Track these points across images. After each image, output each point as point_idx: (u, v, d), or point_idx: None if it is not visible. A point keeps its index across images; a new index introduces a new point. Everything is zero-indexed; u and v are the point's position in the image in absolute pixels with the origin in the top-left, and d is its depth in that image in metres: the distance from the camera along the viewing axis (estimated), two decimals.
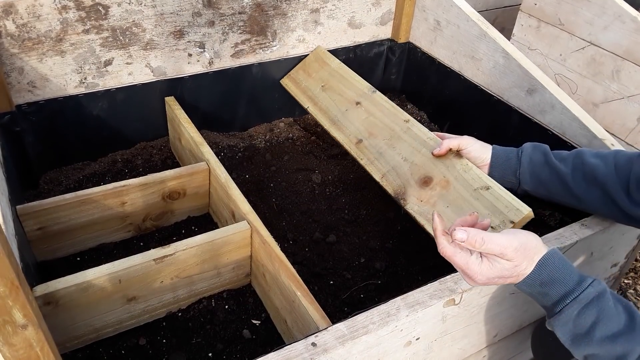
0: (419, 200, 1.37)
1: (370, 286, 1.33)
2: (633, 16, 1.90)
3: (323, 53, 1.84)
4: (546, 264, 0.84)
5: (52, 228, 1.29)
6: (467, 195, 1.29)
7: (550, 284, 0.84)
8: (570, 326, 0.83)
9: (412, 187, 1.40)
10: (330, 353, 0.84)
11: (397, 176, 1.45)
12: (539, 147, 1.25)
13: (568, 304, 0.83)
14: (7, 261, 0.64)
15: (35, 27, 1.36)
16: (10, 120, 1.43)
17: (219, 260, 1.23)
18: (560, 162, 1.20)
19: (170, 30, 1.55)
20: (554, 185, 1.20)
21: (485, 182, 1.27)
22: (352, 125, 1.63)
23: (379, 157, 1.52)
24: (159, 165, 1.66)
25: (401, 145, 1.48)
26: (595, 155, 1.16)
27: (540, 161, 1.22)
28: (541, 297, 0.87)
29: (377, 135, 1.56)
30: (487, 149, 1.31)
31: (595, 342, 0.81)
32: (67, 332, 1.11)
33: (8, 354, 0.73)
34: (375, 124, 1.58)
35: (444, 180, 1.34)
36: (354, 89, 1.69)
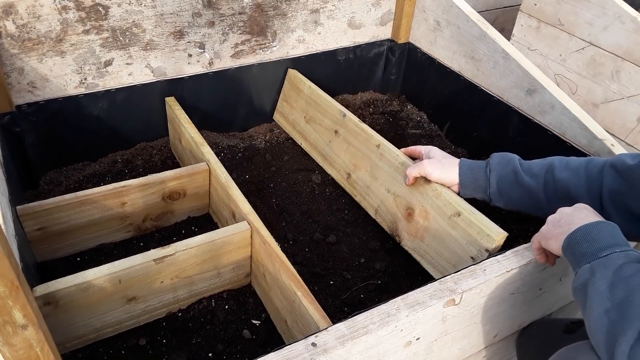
0: (409, 235, 1.39)
1: (370, 286, 1.33)
2: (633, 17, 1.90)
3: (295, 77, 1.82)
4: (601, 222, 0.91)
5: (52, 228, 1.29)
6: (444, 225, 1.28)
7: (600, 232, 0.88)
8: (610, 273, 0.83)
9: (401, 221, 1.41)
10: (330, 353, 0.84)
11: (387, 211, 1.46)
12: (507, 164, 1.21)
13: (616, 252, 0.85)
14: (7, 261, 0.64)
15: (35, 27, 1.37)
16: (11, 121, 1.43)
17: (219, 260, 1.23)
18: (531, 178, 1.17)
19: (170, 30, 1.55)
20: (526, 204, 1.19)
21: (456, 208, 1.24)
22: (339, 159, 1.63)
23: (368, 191, 1.52)
24: (159, 166, 1.66)
25: (381, 175, 1.47)
26: (566, 167, 1.13)
27: (510, 180, 1.19)
28: (587, 243, 0.89)
29: (360, 167, 1.55)
30: (450, 170, 1.26)
31: (630, 288, 0.80)
32: (67, 332, 1.11)
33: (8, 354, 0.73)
34: (356, 154, 1.56)
35: (423, 210, 1.33)
36: (328, 115, 1.67)
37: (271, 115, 1.91)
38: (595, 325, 0.82)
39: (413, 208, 1.36)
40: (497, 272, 1.00)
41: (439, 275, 1.24)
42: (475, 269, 1.01)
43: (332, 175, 1.65)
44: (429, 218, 1.31)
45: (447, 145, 1.83)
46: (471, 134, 1.76)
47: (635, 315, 0.77)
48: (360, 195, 1.55)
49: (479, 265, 1.01)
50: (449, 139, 1.85)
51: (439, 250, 1.29)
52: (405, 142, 1.81)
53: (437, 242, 1.29)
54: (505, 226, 1.42)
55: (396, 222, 1.42)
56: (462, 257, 1.23)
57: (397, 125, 1.90)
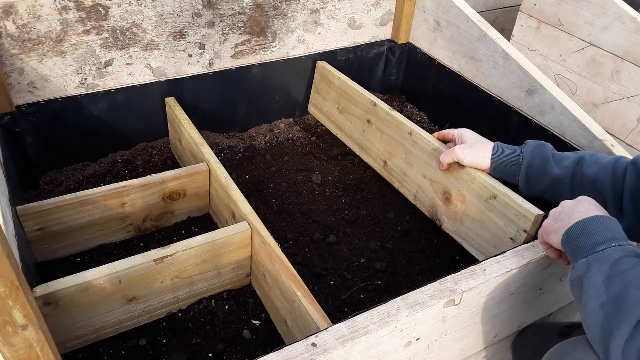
0: (449, 219, 1.41)
1: (370, 286, 1.33)
2: (633, 17, 1.90)
3: (324, 69, 1.84)
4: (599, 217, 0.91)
5: (52, 228, 1.29)
6: (482, 208, 1.30)
7: (597, 226, 0.89)
8: (606, 267, 0.84)
9: (439, 205, 1.43)
10: (330, 353, 0.84)
11: (425, 196, 1.47)
12: (540, 152, 1.22)
13: (612, 247, 0.86)
14: (7, 261, 0.64)
15: (36, 27, 1.37)
16: (11, 121, 1.43)
17: (219, 260, 1.23)
18: (560, 169, 1.18)
19: (171, 30, 1.55)
20: (551, 193, 1.20)
21: (491, 191, 1.26)
22: (374, 147, 1.65)
23: (405, 177, 1.54)
24: (159, 166, 1.66)
25: (416, 162, 1.49)
26: (595, 162, 1.15)
27: (540, 168, 1.21)
28: (584, 237, 0.89)
29: (395, 154, 1.56)
30: (483, 155, 1.29)
31: (625, 282, 0.81)
32: (67, 332, 1.11)
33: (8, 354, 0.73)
34: (390, 142, 1.58)
35: (460, 194, 1.35)
36: (360, 105, 1.70)
37: (271, 115, 1.91)
38: (590, 319, 0.82)
39: (450, 192, 1.37)
40: (497, 272, 1.00)
41: (482, 257, 1.29)
42: (475, 269, 1.01)
43: (370, 163, 1.67)
44: (466, 202, 1.33)
45: None
46: None
47: (630, 309, 0.77)
48: (398, 182, 1.56)
49: (479, 266, 1.01)
50: None
51: (479, 233, 1.31)
52: None
53: (476, 225, 1.31)
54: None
55: (435, 207, 1.43)
56: (501, 238, 1.25)
57: None
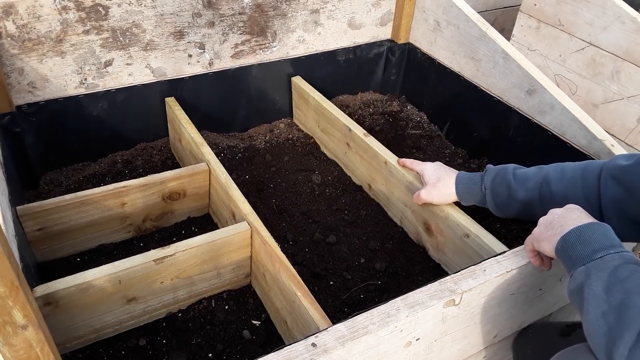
0: (432, 248, 1.40)
1: (370, 287, 1.33)
2: (633, 17, 1.90)
3: (299, 88, 1.81)
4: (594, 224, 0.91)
5: (52, 229, 1.29)
6: (459, 243, 1.29)
7: (593, 234, 0.89)
8: (605, 275, 0.83)
9: (423, 234, 1.43)
10: (330, 353, 0.84)
11: (409, 223, 1.47)
12: (501, 180, 1.20)
13: (611, 254, 0.85)
14: (7, 262, 0.64)
15: (36, 27, 1.37)
16: (11, 121, 1.43)
17: (219, 260, 1.23)
18: (525, 192, 1.16)
19: (171, 31, 1.55)
20: (525, 215, 1.20)
21: (464, 230, 1.26)
22: (357, 170, 1.64)
23: (389, 203, 1.53)
24: (159, 166, 1.66)
25: (396, 190, 1.48)
26: (561, 178, 1.12)
27: (505, 196, 1.20)
28: (581, 245, 0.89)
29: (376, 179, 1.55)
30: (447, 192, 1.29)
31: (626, 290, 0.80)
32: (67, 332, 1.11)
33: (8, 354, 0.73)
34: (369, 167, 1.57)
35: (438, 227, 1.35)
36: (337, 128, 1.67)
37: (271, 115, 1.91)
38: (592, 328, 0.81)
39: (429, 224, 1.38)
40: (497, 273, 1.00)
41: None
42: (475, 269, 1.01)
43: (357, 183, 1.66)
44: (444, 235, 1.34)
45: (447, 146, 1.83)
46: (471, 134, 1.76)
47: (632, 318, 0.76)
48: (384, 205, 1.56)
49: (479, 266, 1.01)
50: (449, 139, 1.85)
51: (460, 265, 1.31)
52: (406, 142, 1.81)
53: (457, 257, 1.32)
54: (505, 226, 1.43)
55: (419, 234, 1.44)
56: None
57: (397, 125, 1.90)
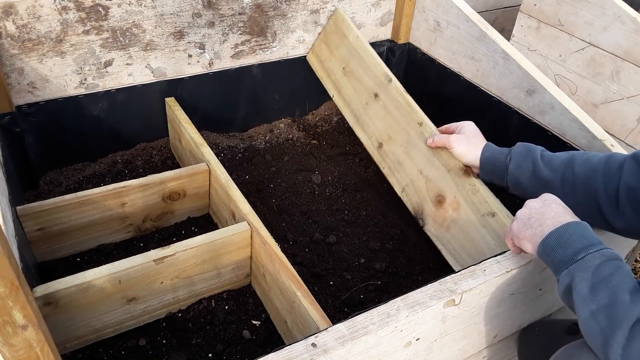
0: (435, 222, 1.36)
1: (370, 287, 1.33)
2: (633, 17, 1.90)
3: (342, 21, 1.67)
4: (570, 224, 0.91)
5: (52, 229, 1.29)
6: (475, 221, 1.27)
7: (572, 235, 0.89)
8: (588, 275, 0.84)
9: (428, 205, 1.38)
10: (330, 354, 0.84)
11: (415, 192, 1.42)
12: (529, 154, 1.19)
13: (591, 253, 0.86)
14: (7, 262, 0.64)
15: (35, 27, 1.37)
16: (11, 121, 1.43)
17: (219, 260, 1.23)
18: (550, 171, 1.15)
19: (170, 31, 1.55)
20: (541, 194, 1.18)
21: (491, 208, 1.24)
22: (373, 125, 1.52)
23: (399, 167, 1.46)
24: (159, 166, 1.66)
25: (417, 155, 1.42)
26: (586, 162, 1.12)
27: (529, 170, 1.18)
28: (562, 248, 0.90)
29: (395, 139, 1.47)
30: (474, 151, 1.27)
31: (611, 288, 0.81)
32: (67, 332, 1.11)
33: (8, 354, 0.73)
34: (393, 125, 1.47)
35: (455, 201, 1.31)
36: (371, 75, 1.55)
37: (271, 115, 1.91)
38: (585, 328, 0.83)
39: (444, 196, 1.33)
40: (497, 273, 1.00)
41: (459, 268, 1.26)
42: (475, 269, 1.01)
43: (361, 139, 1.55)
44: (460, 210, 1.29)
45: None
46: None
47: (622, 315, 0.78)
48: (388, 168, 1.48)
49: (479, 266, 1.01)
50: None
51: (463, 244, 1.28)
52: None
53: (463, 236, 1.28)
54: None
55: (423, 206, 1.38)
56: (486, 255, 1.23)
57: None
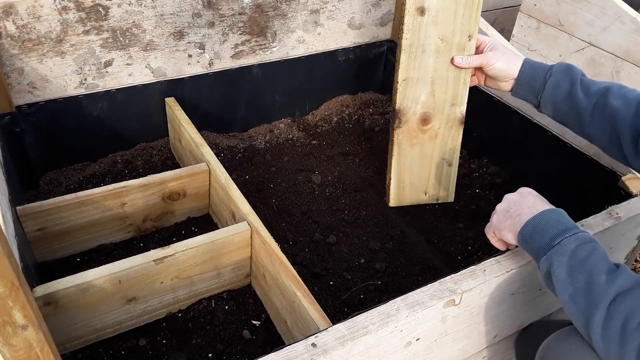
0: (408, 132, 1.39)
1: (370, 287, 1.33)
2: (633, 17, 1.90)
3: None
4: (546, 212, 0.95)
5: (52, 229, 1.29)
6: (434, 158, 1.42)
7: (548, 222, 0.93)
8: (565, 259, 0.87)
9: (414, 115, 1.37)
10: (330, 354, 0.84)
11: (413, 92, 1.36)
12: (569, 75, 1.18)
13: (567, 237, 0.89)
14: (7, 262, 0.64)
15: (35, 28, 1.37)
16: (11, 121, 1.43)
17: (219, 261, 1.23)
18: (585, 96, 1.15)
19: (170, 31, 1.55)
20: (571, 119, 1.19)
21: (451, 160, 1.41)
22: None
23: (421, 53, 1.33)
24: (159, 166, 1.66)
25: (443, 57, 1.33)
26: (621, 96, 1.11)
27: (565, 90, 1.17)
28: (539, 235, 0.93)
29: (440, 20, 1.31)
30: (513, 65, 1.25)
31: (587, 270, 0.84)
32: (67, 332, 1.11)
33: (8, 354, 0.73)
34: (449, 2, 1.30)
35: (435, 131, 1.38)
36: None
37: (271, 116, 1.90)
38: (567, 311, 0.87)
39: (431, 120, 1.38)
40: (497, 273, 1.00)
41: (394, 181, 1.46)
42: (475, 269, 1.01)
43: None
44: (432, 143, 1.41)
45: None
46: (471, 134, 1.76)
47: (599, 296, 0.81)
48: (410, 45, 1.33)
49: (479, 266, 1.01)
50: None
51: (412, 166, 1.43)
52: None
53: (418, 161, 1.43)
54: None
55: (408, 112, 1.37)
56: (422, 187, 1.50)
57: None
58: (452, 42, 1.32)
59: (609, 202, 1.25)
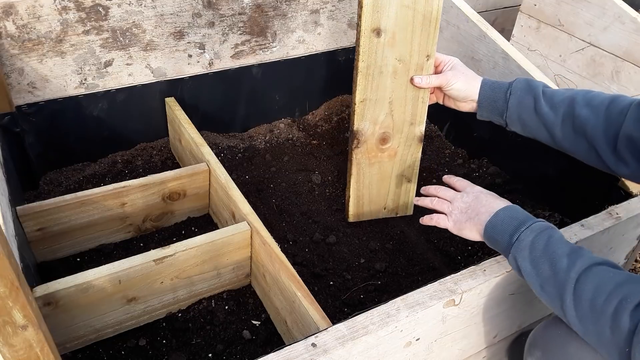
0: (367, 152, 1.39)
1: (370, 287, 1.33)
2: (633, 17, 1.90)
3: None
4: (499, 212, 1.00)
5: (52, 229, 1.29)
6: (393, 176, 1.44)
7: (503, 221, 0.98)
8: (527, 253, 0.92)
9: (372, 136, 1.36)
10: (330, 354, 0.84)
11: (372, 113, 1.33)
12: (530, 89, 1.17)
13: (522, 232, 0.93)
14: (7, 262, 0.64)
15: (36, 28, 1.37)
16: (11, 121, 1.43)
17: (219, 261, 1.23)
18: (550, 109, 1.13)
19: (170, 31, 1.55)
20: (541, 134, 1.17)
21: (410, 176, 1.44)
22: (388, 4, 1.22)
23: (378, 75, 1.29)
24: (159, 166, 1.66)
25: (401, 78, 1.30)
26: (588, 103, 1.09)
27: (529, 106, 1.16)
28: (500, 236, 0.98)
29: (397, 41, 1.25)
30: (473, 86, 1.23)
31: (548, 258, 0.89)
32: (67, 332, 1.11)
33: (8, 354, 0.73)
34: (405, 22, 1.23)
35: (394, 150, 1.38)
36: None
37: (271, 115, 1.90)
38: (543, 301, 0.91)
39: (390, 139, 1.37)
40: (497, 273, 1.00)
41: (353, 198, 1.45)
42: (475, 269, 1.01)
43: (361, 13, 1.26)
44: (391, 162, 1.42)
45: (447, 146, 1.83)
46: (471, 134, 1.76)
47: (563, 281, 0.85)
48: (367, 66, 1.29)
49: (479, 266, 1.02)
50: (448, 140, 1.85)
51: (371, 184, 1.44)
52: None
53: (377, 179, 1.44)
54: None
55: (369, 129, 1.35)
56: (378, 211, 1.51)
57: None
58: (410, 62, 1.29)
59: (609, 202, 1.25)
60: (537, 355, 0.97)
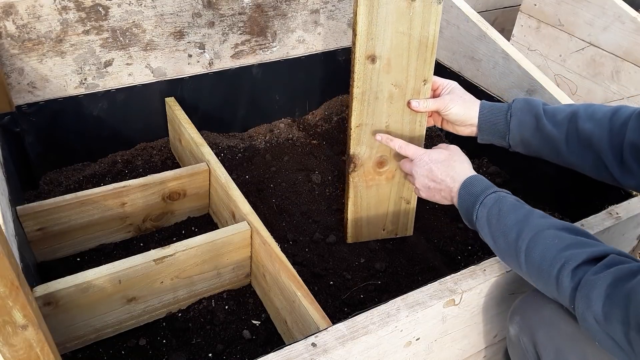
0: (364, 175, 1.36)
1: (370, 286, 1.33)
2: (633, 17, 1.90)
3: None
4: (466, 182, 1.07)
5: (52, 229, 1.29)
6: (392, 198, 1.41)
7: (464, 196, 1.06)
8: (486, 230, 0.98)
9: (369, 159, 1.34)
10: (330, 353, 0.84)
11: (368, 137, 1.31)
12: (530, 109, 1.16)
13: (477, 209, 1.01)
14: (7, 262, 0.64)
15: (35, 27, 1.37)
16: (11, 121, 1.43)
17: (219, 260, 1.23)
18: (553, 126, 1.12)
19: (170, 31, 1.55)
20: (546, 151, 1.16)
21: (409, 198, 1.40)
22: (383, 31, 1.19)
23: (374, 100, 1.27)
24: (159, 166, 1.66)
25: (397, 103, 1.27)
26: (591, 117, 1.09)
27: (532, 126, 1.15)
28: (465, 216, 1.06)
29: (393, 67, 1.23)
30: (471, 109, 1.21)
31: (502, 231, 0.95)
32: (67, 332, 1.11)
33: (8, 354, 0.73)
34: (401, 49, 1.21)
35: (392, 172, 1.37)
36: None
37: (271, 115, 1.90)
38: (513, 270, 0.98)
39: (387, 162, 1.35)
40: (497, 272, 1.00)
41: (352, 220, 1.42)
42: (475, 269, 1.01)
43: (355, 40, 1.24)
44: (388, 184, 1.39)
45: None
46: None
47: (516, 252, 0.92)
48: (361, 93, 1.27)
49: (479, 266, 1.02)
50: (448, 139, 1.85)
51: (369, 207, 1.42)
52: None
53: (375, 202, 1.41)
54: None
55: (366, 153, 1.33)
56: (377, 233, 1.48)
57: None
58: (407, 87, 1.26)
59: (608, 201, 1.25)
60: (516, 320, 1.00)
